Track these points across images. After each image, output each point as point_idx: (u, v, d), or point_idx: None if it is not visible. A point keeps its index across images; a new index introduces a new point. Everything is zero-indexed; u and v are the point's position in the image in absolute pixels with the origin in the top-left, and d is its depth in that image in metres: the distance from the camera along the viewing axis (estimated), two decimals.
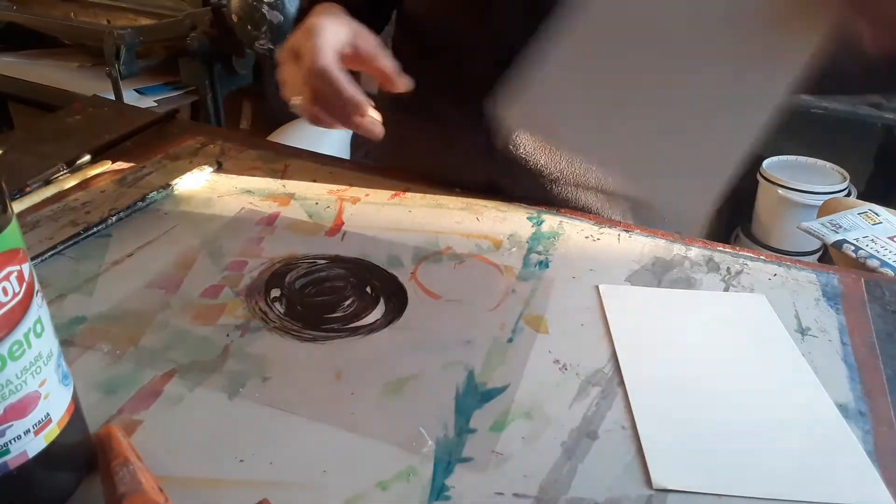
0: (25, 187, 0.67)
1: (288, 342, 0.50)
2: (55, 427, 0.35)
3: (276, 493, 0.38)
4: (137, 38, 1.41)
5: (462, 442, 0.42)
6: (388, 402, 0.45)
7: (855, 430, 0.44)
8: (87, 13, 1.69)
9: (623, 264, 0.60)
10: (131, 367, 0.47)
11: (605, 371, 0.48)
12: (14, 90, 1.62)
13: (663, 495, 0.39)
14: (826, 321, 0.54)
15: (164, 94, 1.55)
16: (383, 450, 0.41)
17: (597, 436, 0.43)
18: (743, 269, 0.60)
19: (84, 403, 0.39)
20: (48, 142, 0.78)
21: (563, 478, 0.40)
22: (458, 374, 0.47)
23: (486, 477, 0.40)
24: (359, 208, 0.67)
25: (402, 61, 0.69)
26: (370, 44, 0.58)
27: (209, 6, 1.54)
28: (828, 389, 0.47)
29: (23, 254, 0.33)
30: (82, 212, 0.64)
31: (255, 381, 0.46)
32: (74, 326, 0.50)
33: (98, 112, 0.87)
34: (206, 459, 0.40)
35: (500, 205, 0.69)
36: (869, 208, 1.10)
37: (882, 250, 0.97)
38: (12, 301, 0.32)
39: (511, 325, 0.52)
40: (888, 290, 0.58)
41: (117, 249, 0.59)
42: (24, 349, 0.32)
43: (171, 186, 0.68)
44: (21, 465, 0.34)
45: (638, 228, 0.66)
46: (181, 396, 0.44)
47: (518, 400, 0.45)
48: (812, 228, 1.06)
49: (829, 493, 0.39)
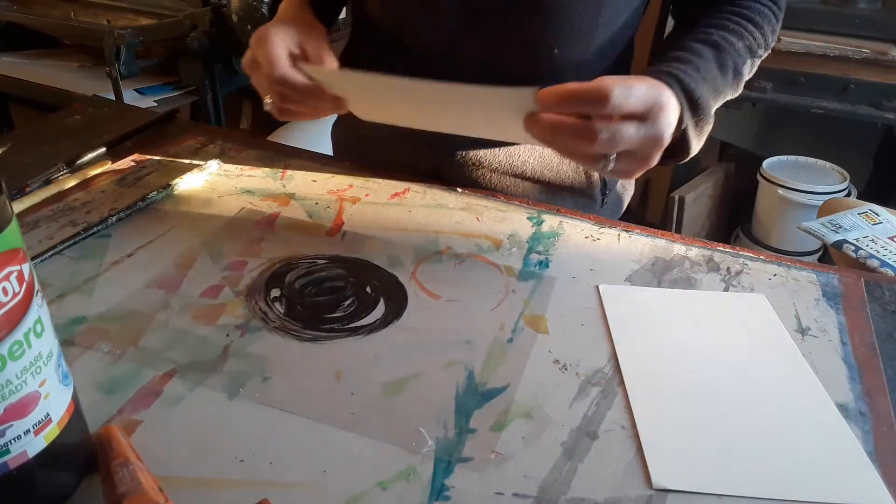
0: (25, 187, 0.67)
1: (288, 342, 0.50)
2: (55, 427, 0.35)
3: (276, 493, 0.38)
4: (137, 38, 1.41)
5: (462, 442, 0.42)
6: (388, 402, 0.45)
7: (855, 430, 0.44)
8: (87, 13, 1.69)
9: (623, 264, 0.60)
10: (131, 367, 0.47)
11: (605, 371, 0.48)
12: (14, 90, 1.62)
13: (663, 495, 0.39)
14: (826, 321, 0.54)
15: (164, 94, 1.55)
16: (383, 450, 0.41)
17: (597, 436, 0.43)
18: (743, 269, 0.60)
19: (84, 403, 0.39)
20: (48, 142, 0.78)
21: (563, 478, 0.40)
22: (458, 374, 0.47)
23: (486, 477, 0.40)
24: (359, 208, 0.67)
25: (358, 58, 0.77)
26: (315, 46, 0.63)
27: (209, 6, 1.53)
28: (828, 389, 0.47)
29: (23, 254, 0.33)
30: (82, 212, 0.64)
31: (255, 381, 0.46)
32: (74, 326, 0.50)
33: (98, 112, 0.87)
34: (206, 459, 0.40)
35: (500, 205, 0.69)
36: (869, 208, 1.10)
37: (882, 250, 0.97)
38: (12, 301, 0.32)
39: (511, 325, 0.52)
40: (888, 290, 0.58)
41: (117, 249, 0.59)
42: (24, 349, 0.32)
43: (171, 186, 0.68)
44: (21, 465, 0.34)
45: (638, 228, 0.66)
46: (181, 396, 0.44)
47: (518, 400, 0.45)
48: (812, 228, 1.06)
49: (829, 493, 0.39)
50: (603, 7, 0.65)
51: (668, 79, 0.55)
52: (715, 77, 0.60)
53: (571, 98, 0.49)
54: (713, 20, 0.65)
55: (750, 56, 0.64)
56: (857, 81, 1.66)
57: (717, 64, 0.60)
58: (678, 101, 0.54)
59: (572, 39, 0.66)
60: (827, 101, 1.70)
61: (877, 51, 1.62)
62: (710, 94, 0.59)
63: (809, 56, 1.68)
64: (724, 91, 0.61)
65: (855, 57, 1.64)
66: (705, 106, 0.58)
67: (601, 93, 0.48)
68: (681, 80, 0.56)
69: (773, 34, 0.67)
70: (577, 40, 0.67)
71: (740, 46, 0.63)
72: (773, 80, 1.64)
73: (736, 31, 0.63)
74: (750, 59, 0.64)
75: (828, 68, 1.68)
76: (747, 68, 0.64)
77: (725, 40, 0.62)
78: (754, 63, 0.65)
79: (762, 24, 0.65)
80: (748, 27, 0.64)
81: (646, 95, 0.51)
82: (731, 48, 0.62)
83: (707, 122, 0.59)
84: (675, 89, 0.55)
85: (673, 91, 0.54)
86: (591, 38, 0.67)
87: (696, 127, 0.58)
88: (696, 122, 0.58)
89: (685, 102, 0.56)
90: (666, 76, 0.56)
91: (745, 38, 0.63)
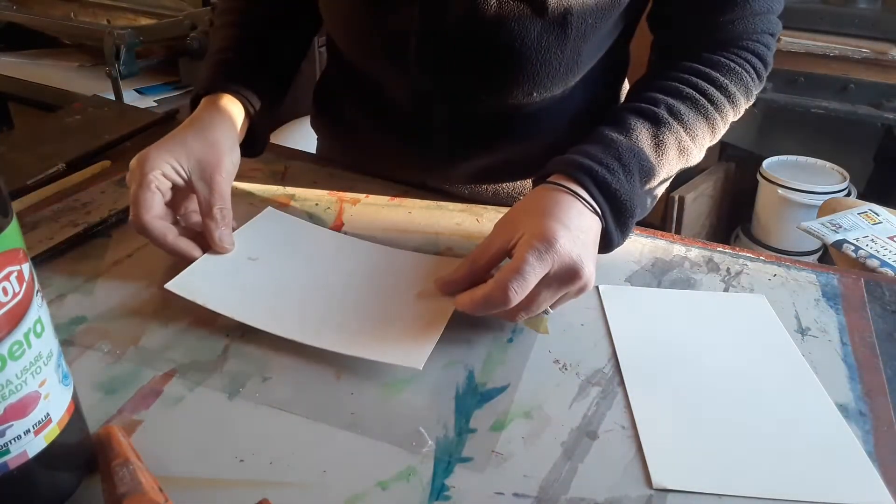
0: (25, 187, 0.67)
1: (288, 342, 0.49)
2: (55, 427, 0.35)
3: (276, 493, 0.38)
4: (137, 38, 1.41)
5: (462, 442, 0.42)
6: (388, 402, 0.45)
7: (855, 430, 0.44)
8: (87, 13, 1.69)
9: (623, 265, 0.60)
10: (131, 367, 0.47)
11: (605, 371, 0.48)
12: (14, 90, 1.62)
13: (663, 495, 0.39)
14: (826, 321, 0.54)
15: (164, 94, 1.55)
16: (383, 450, 0.41)
17: (597, 436, 0.43)
18: (743, 270, 0.60)
19: (84, 403, 0.39)
20: (48, 142, 0.78)
21: (563, 478, 0.40)
22: (458, 374, 0.47)
23: (486, 477, 0.40)
24: (359, 210, 0.67)
25: (332, 96, 0.76)
26: (207, 177, 0.56)
27: (209, 6, 1.54)
28: (828, 389, 0.47)
29: (23, 254, 0.33)
30: (82, 212, 0.64)
31: (255, 381, 0.46)
32: (74, 326, 0.50)
33: (98, 112, 0.87)
34: (205, 459, 0.40)
35: (500, 206, 0.69)
36: (869, 208, 1.10)
37: (882, 250, 0.97)
38: (12, 301, 0.32)
39: (511, 326, 0.52)
40: (888, 290, 0.58)
41: (117, 249, 0.59)
42: (24, 349, 0.32)
43: None
44: (21, 465, 0.34)
45: (638, 229, 0.66)
46: (181, 396, 0.44)
47: (518, 400, 0.45)
48: (812, 228, 1.06)
49: (829, 493, 0.39)
50: (583, 43, 0.59)
51: (587, 183, 0.52)
52: (648, 168, 0.55)
53: (483, 305, 0.47)
54: (670, 83, 0.59)
55: (706, 121, 0.58)
56: (857, 81, 1.67)
57: (652, 143, 0.56)
58: (597, 211, 0.52)
59: (551, 80, 0.61)
60: (827, 101, 1.70)
61: (877, 51, 1.62)
62: (636, 190, 0.54)
63: (809, 56, 1.68)
64: (656, 173, 0.56)
65: (855, 57, 1.64)
66: (630, 207, 0.53)
67: (502, 297, 0.46)
68: (601, 183, 0.52)
69: (746, 94, 0.60)
70: (558, 79, 0.61)
71: (690, 119, 0.57)
72: (773, 80, 1.65)
73: (691, 100, 0.58)
74: (706, 123, 0.58)
75: (828, 68, 1.68)
76: (700, 135, 0.58)
77: (673, 114, 0.57)
78: (713, 125, 0.59)
79: (727, 85, 0.59)
80: (709, 91, 0.58)
81: (554, 264, 0.47)
82: (679, 122, 0.57)
83: (633, 216, 0.54)
84: (596, 197, 0.52)
85: (588, 205, 0.51)
86: (572, 74, 0.61)
87: (620, 224, 0.54)
88: (620, 221, 0.54)
89: (607, 208, 0.52)
90: (584, 180, 0.52)
91: (702, 105, 0.58)
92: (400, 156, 0.72)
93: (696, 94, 0.58)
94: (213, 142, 0.58)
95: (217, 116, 0.61)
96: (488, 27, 0.57)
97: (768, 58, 0.62)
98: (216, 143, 0.58)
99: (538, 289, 0.47)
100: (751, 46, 0.60)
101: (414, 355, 0.47)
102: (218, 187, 0.56)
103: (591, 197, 0.52)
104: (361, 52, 0.67)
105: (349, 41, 0.67)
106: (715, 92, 0.59)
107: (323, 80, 0.81)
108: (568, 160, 0.54)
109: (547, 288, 0.48)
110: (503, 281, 0.46)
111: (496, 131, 0.67)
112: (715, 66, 0.59)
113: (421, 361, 0.46)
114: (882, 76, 1.64)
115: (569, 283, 0.48)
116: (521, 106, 0.64)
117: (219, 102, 0.62)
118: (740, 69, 0.59)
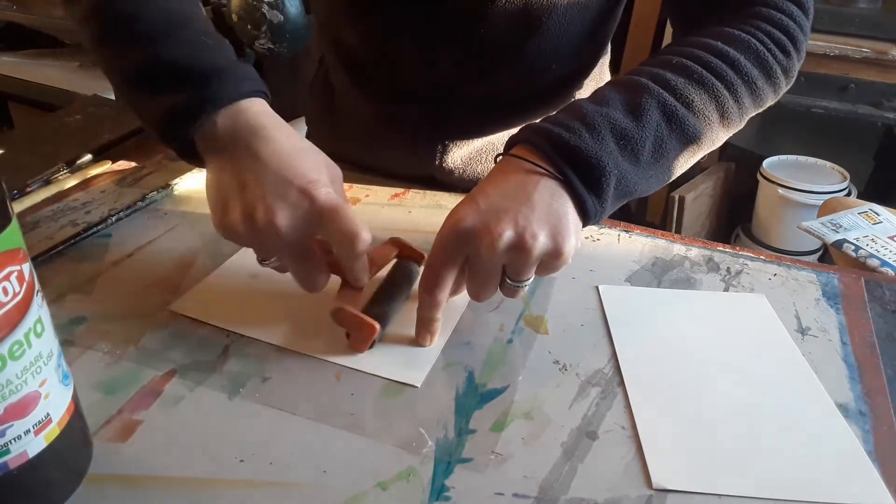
0: (25, 187, 0.67)
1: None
2: (55, 427, 0.35)
3: (276, 493, 0.38)
4: None
5: (462, 442, 0.42)
6: (387, 402, 0.45)
7: (855, 430, 0.44)
8: None
9: (623, 264, 0.60)
10: (131, 367, 0.47)
11: (605, 371, 0.48)
12: (14, 90, 1.62)
13: (663, 495, 0.39)
14: (826, 321, 0.54)
15: None
16: (383, 450, 0.41)
17: (597, 436, 0.43)
18: (743, 269, 0.60)
19: (84, 403, 0.39)
20: (48, 142, 0.78)
21: (563, 478, 0.40)
22: (458, 375, 0.47)
23: (486, 477, 0.40)
24: (359, 209, 0.67)
25: (338, 87, 0.78)
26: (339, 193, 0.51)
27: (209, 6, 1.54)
28: (828, 389, 0.47)
29: (23, 254, 0.33)
30: (82, 212, 0.64)
31: (255, 381, 0.46)
32: (74, 326, 0.50)
33: (98, 112, 0.87)
34: (206, 459, 0.40)
35: None
36: (869, 208, 1.10)
37: (882, 250, 0.97)
38: (12, 301, 0.32)
39: (511, 326, 0.52)
40: (888, 289, 0.58)
41: (117, 249, 0.59)
42: (24, 349, 0.32)
43: (171, 186, 0.68)
44: (21, 465, 0.34)
45: (638, 228, 0.66)
46: (181, 396, 0.44)
47: (518, 400, 0.45)
48: (812, 228, 1.06)
49: (829, 493, 0.39)
50: (587, 15, 0.66)
51: (542, 144, 0.48)
52: (623, 128, 0.49)
53: (427, 323, 0.49)
54: (661, 57, 0.54)
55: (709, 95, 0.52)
56: (857, 81, 1.67)
57: (627, 106, 0.50)
58: (549, 170, 0.47)
59: (564, 54, 0.67)
60: (827, 101, 1.70)
61: (877, 50, 1.62)
62: (607, 149, 0.48)
63: (810, 56, 1.67)
64: (637, 136, 0.49)
65: (855, 57, 1.64)
66: (600, 165, 0.47)
67: (430, 301, 0.47)
68: (556, 141, 0.48)
69: (759, 63, 0.55)
70: (570, 54, 0.67)
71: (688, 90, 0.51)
72: None
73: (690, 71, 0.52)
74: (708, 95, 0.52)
75: (828, 68, 1.68)
76: (705, 109, 0.52)
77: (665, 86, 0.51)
78: (721, 100, 0.52)
79: (737, 59, 0.53)
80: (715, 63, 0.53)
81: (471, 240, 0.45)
82: (665, 87, 0.51)
83: (606, 175, 0.47)
84: (551, 155, 0.47)
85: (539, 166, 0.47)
86: (580, 50, 0.68)
87: (590, 184, 0.47)
88: (589, 181, 0.47)
89: (568, 167, 0.47)
90: (538, 141, 0.48)
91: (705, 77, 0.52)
92: (413, 144, 0.75)
93: (686, 61, 0.53)
94: (318, 151, 0.52)
95: (280, 121, 0.51)
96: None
97: (791, 29, 0.56)
98: (319, 152, 0.52)
99: (477, 269, 0.47)
100: (764, 13, 0.57)
101: (415, 372, 0.47)
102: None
103: (546, 157, 0.47)
104: (384, 34, 0.69)
105: (375, 25, 0.70)
106: (713, 59, 0.53)
107: (322, 76, 0.81)
108: (525, 128, 0.50)
109: (484, 263, 0.46)
110: (421, 287, 0.48)
111: (516, 107, 0.72)
112: (715, 36, 0.55)
113: (419, 379, 0.47)
114: (882, 76, 1.64)
115: (502, 247, 0.44)
116: (538, 83, 0.69)
117: (257, 107, 0.50)
118: (747, 36, 0.55)
